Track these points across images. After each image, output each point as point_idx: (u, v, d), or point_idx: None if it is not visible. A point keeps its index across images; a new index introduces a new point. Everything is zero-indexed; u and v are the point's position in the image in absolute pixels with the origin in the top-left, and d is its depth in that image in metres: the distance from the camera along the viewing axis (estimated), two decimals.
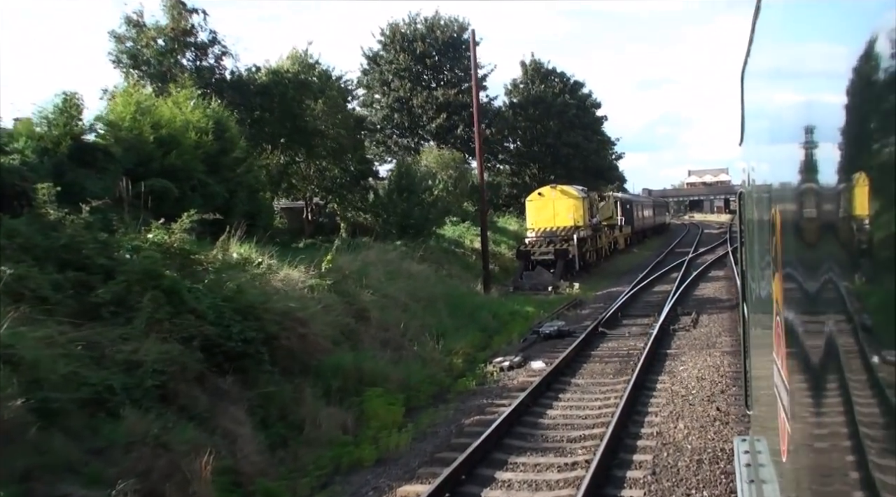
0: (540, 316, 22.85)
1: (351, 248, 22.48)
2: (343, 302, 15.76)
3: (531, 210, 35.87)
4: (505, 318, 21.94)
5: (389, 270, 19.69)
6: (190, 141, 18.39)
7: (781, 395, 2.85)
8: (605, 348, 17.34)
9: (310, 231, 26.52)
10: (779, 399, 2.94)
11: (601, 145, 67.58)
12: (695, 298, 25.36)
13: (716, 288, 27.90)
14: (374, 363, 13.67)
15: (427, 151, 45.95)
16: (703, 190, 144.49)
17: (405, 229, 26.62)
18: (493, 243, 40.37)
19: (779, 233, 2.84)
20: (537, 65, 63.99)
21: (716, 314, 21.36)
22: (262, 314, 12.30)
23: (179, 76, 20.57)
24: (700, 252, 47.26)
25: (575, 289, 30.02)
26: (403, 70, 56.15)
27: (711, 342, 17.17)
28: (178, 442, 8.81)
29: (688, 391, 12.71)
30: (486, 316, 21.07)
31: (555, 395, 13.24)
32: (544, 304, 26.40)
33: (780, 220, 2.81)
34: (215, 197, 18.38)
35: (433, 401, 13.55)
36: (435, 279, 22.22)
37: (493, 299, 24.81)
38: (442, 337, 17.62)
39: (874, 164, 1.24)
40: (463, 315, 20.43)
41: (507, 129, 59.92)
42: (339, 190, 27.24)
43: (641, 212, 59.92)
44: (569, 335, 18.84)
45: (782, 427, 2.84)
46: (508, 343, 18.58)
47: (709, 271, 34.38)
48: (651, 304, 24.37)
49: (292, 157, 25.61)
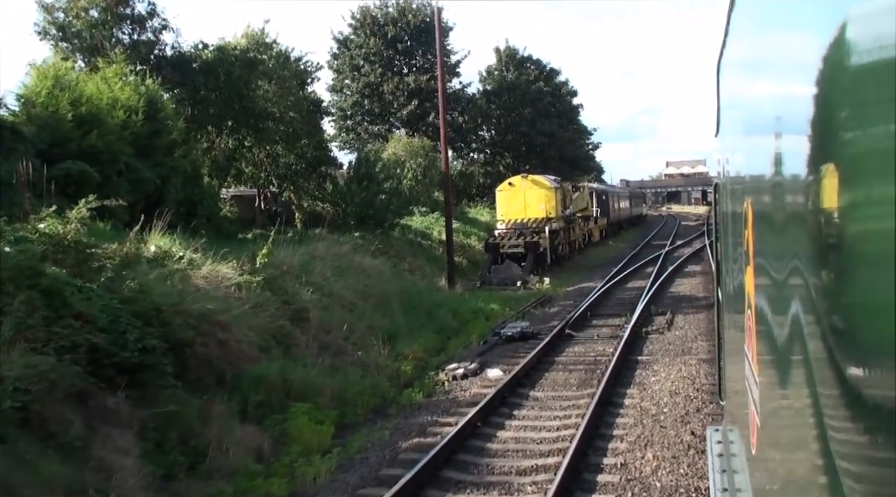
0: (504, 315, 21.29)
1: (301, 239, 20.81)
2: (279, 301, 14.09)
3: (501, 200, 34.26)
4: (466, 316, 20.35)
5: (338, 265, 18.01)
6: (116, 121, 16.58)
7: (751, 388, 2.87)
8: (571, 353, 15.80)
9: (262, 221, 24.75)
10: (749, 391, 2.96)
11: (577, 134, 65.99)
12: (670, 296, 23.90)
13: (692, 284, 26.46)
14: (305, 373, 12.00)
15: (395, 139, 44.23)
16: (681, 181, 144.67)
17: (364, 220, 24.91)
18: (462, 235, 38.87)
19: (751, 225, 2.86)
20: (512, 51, 62.26)
21: (692, 314, 19.88)
22: (171, 318, 10.61)
23: (109, 50, 18.67)
24: (677, 245, 45.94)
25: (545, 284, 28.49)
26: (374, 55, 54.32)
27: (687, 347, 15.67)
28: (31, 482, 7.14)
29: (659, 409, 11.17)
30: (446, 315, 19.47)
31: (509, 411, 11.66)
32: (511, 300, 24.85)
33: (752, 213, 2.83)
34: (144, 183, 16.62)
35: (372, 417, 11.93)
36: (391, 274, 20.56)
37: (456, 296, 23.21)
38: (392, 340, 16.01)
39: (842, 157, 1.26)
40: (420, 314, 18.82)
41: (481, 117, 58.15)
42: (294, 177, 25.41)
43: (618, 203, 58.49)
44: (533, 337, 17.29)
45: (752, 419, 2.85)
46: (467, 346, 16.99)
47: (685, 266, 32.98)
48: (624, 301, 22.88)
49: (240, 142, 23.74)
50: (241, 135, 23.01)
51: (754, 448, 2.87)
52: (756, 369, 2.72)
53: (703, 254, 37.80)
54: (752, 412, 2.83)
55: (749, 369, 2.99)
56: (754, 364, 2.79)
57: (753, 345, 2.81)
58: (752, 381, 2.88)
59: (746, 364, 3.09)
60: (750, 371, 2.94)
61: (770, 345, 2.29)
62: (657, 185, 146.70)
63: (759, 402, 2.64)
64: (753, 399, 2.81)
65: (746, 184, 3.12)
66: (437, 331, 18.09)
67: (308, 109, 24.74)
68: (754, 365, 2.79)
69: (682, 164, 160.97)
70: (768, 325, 2.34)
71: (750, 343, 2.95)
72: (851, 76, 1.17)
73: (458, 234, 38.53)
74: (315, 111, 25.67)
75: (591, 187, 51.12)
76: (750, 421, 2.95)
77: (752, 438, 2.93)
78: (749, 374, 2.99)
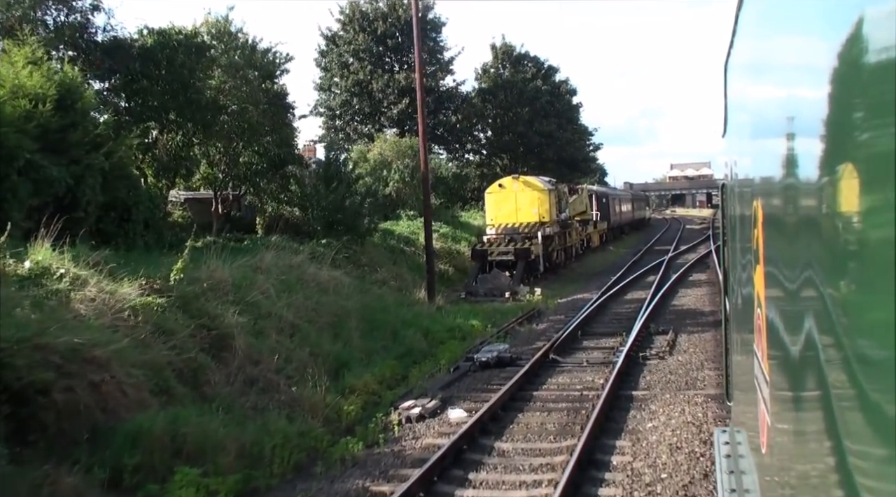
0: (485, 333, 18.76)
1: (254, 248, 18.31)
2: (196, 326, 11.56)
3: (490, 204, 31.70)
4: (440, 336, 17.82)
5: (285, 279, 15.47)
6: (18, 111, 14.07)
7: (762, 388, 2.87)
8: (553, 386, 13.26)
9: (219, 227, 22.22)
10: (759, 391, 2.97)
11: (577, 135, 63.35)
12: (673, 310, 21.34)
13: (697, 296, 23.88)
14: (205, 422, 9.45)
15: (381, 139, 41.70)
16: (685, 184, 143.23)
17: (332, 225, 22.35)
18: (451, 240, 36.35)
19: (760, 225, 2.87)
20: (508, 48, 59.70)
21: (697, 334, 17.32)
22: (13, 358, 8.10)
23: (20, 32, 16.14)
24: (681, 250, 43.36)
25: (536, 295, 25.96)
26: (363, 51, 51.86)
27: (692, 378, 13.12)
28: None
29: (656, 473, 8.60)
30: (415, 335, 16.93)
31: (464, 474, 9.09)
32: (496, 314, 22.32)
33: (762, 213, 2.84)
34: (52, 183, 14.10)
35: (290, 479, 9.36)
36: (354, 288, 18.00)
37: (432, 311, 20.66)
38: (343, 369, 13.52)
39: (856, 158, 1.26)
40: (383, 335, 16.29)
41: (475, 117, 55.51)
42: (253, 178, 22.80)
43: (619, 206, 55.85)
44: (511, 363, 14.77)
45: (762, 419, 2.86)
46: (433, 374, 14.45)
47: (689, 274, 30.39)
48: (620, 317, 20.32)
49: (188, 138, 21.17)
50: (188, 130, 20.43)
51: (764, 448, 2.82)
52: (766, 369, 2.71)
53: (708, 260, 35.20)
54: (762, 412, 2.82)
55: (759, 369, 2.97)
56: (764, 363, 2.77)
57: (763, 344, 2.80)
58: (761, 380, 2.86)
59: (756, 364, 3.08)
60: (760, 371, 2.92)
61: (781, 344, 2.28)
62: (661, 187, 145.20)
63: (769, 401, 2.63)
64: (763, 399, 2.80)
65: (756, 184, 3.15)
66: (400, 356, 15.57)
67: (270, 103, 22.15)
68: (764, 364, 2.77)
69: (686, 166, 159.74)
70: (779, 324, 2.34)
71: (760, 343, 2.93)
72: (867, 75, 1.17)
73: (447, 239, 36.03)
74: (280, 105, 23.06)
75: (591, 189, 48.54)
76: (760, 421, 2.93)
77: (762, 438, 2.89)
78: (759, 373, 2.97)
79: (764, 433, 2.81)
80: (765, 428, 2.78)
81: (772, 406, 2.57)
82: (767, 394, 2.69)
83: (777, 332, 2.37)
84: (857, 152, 1.23)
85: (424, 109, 23.85)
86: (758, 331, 3.01)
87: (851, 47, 1.24)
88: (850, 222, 1.32)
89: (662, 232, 65.30)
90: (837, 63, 1.33)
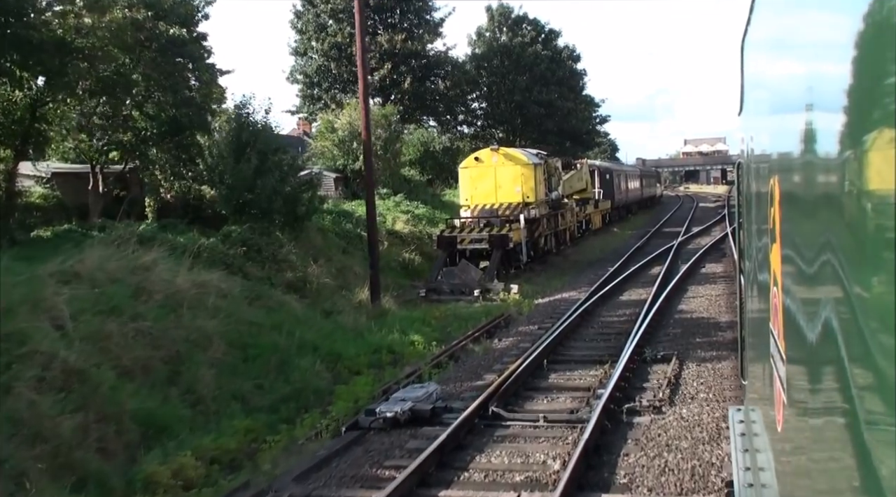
0: (424, 355, 13.92)
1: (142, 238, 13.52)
2: None
3: (465, 181, 26.62)
4: (356, 363, 12.99)
5: (108, 293, 10.56)
6: None
7: (778, 366, 2.87)
8: (479, 471, 8.35)
9: (101, 209, 17.31)
10: (775, 369, 2.97)
11: (580, 105, 57.95)
12: (679, 320, 16.39)
13: (711, 298, 18.86)
14: None
15: (351, 106, 36.61)
16: (700, 160, 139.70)
17: (243, 208, 17.41)
18: (426, 223, 31.34)
19: (777, 203, 2.84)
20: (505, 10, 54.31)
21: (710, 362, 12.42)
22: None
23: None
24: (693, 233, 38.28)
25: (512, 293, 21.03)
26: (342, 11, 46.63)
27: (703, 461, 8.19)
28: None
29: None
30: (314, 366, 12.07)
31: None
32: (453, 323, 17.50)
33: (778, 190, 2.82)
34: None
35: None
36: (236, 298, 13.07)
37: (363, 322, 15.71)
38: (157, 440, 8.68)
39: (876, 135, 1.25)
40: (263, 369, 11.42)
41: (466, 84, 50.11)
42: (139, 146, 17.72)
43: (625, 183, 50.54)
44: (430, 420, 9.93)
45: (778, 397, 2.85)
46: (309, 438, 9.60)
47: (702, 265, 25.35)
48: (608, 332, 15.41)
49: (39, 93, 16.08)
50: (24, 81, 15.31)
51: (780, 426, 2.80)
52: (783, 347, 2.70)
53: (724, 246, 30.15)
54: (778, 390, 2.82)
55: (775, 347, 2.95)
56: (781, 341, 2.76)
57: (780, 322, 2.77)
58: (778, 358, 2.85)
59: (772, 342, 3.06)
60: (776, 349, 2.91)
61: (797, 322, 2.29)
62: (675, 163, 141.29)
63: (785, 379, 2.64)
64: (780, 377, 2.79)
65: (773, 161, 3.13)
66: (280, 401, 10.74)
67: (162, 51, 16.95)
68: (781, 342, 2.76)
69: (700, 142, 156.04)
70: (796, 302, 2.34)
71: (776, 321, 2.92)
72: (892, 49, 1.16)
73: (421, 222, 31.03)
74: (181, 54, 17.84)
75: (593, 165, 43.40)
76: (776, 399, 2.92)
77: (777, 416, 2.87)
78: (775, 351, 2.95)
79: (780, 411, 2.81)
80: (780, 406, 2.78)
81: (788, 384, 2.58)
82: (783, 372, 2.69)
83: (793, 311, 2.40)
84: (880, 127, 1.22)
85: (365, 56, 18.78)
86: (774, 309, 3.00)
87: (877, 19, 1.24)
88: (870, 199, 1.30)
89: (674, 211, 60.03)
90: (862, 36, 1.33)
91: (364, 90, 18.83)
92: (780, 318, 2.78)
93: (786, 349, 2.62)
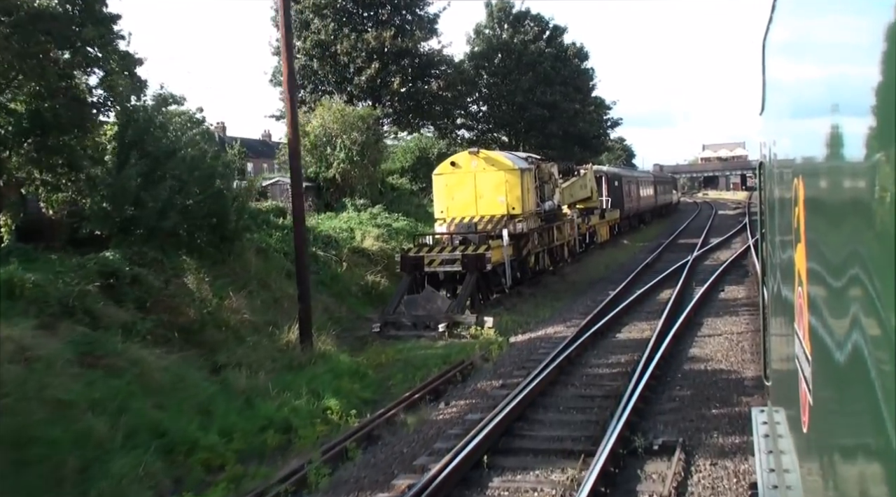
0: (332, 435, 9.99)
1: None
2: None
3: (440, 189, 22.57)
4: (217, 457, 9.05)
5: None
6: None
7: (803, 366, 2.83)
8: None
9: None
10: (800, 370, 2.93)
11: (589, 107, 53.81)
12: (688, 373, 12.34)
13: (731, 336, 14.78)
14: None
15: (324, 106, 32.75)
16: (718, 165, 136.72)
17: (129, 225, 13.45)
18: (404, 239, 27.26)
19: (802, 203, 2.81)
20: (506, 5, 50.31)
21: (733, 454, 8.41)
22: None
23: None
24: (710, 245, 34.15)
25: (486, 327, 17.05)
26: (326, 7, 42.90)
27: None
28: None
29: None
30: (136, 469, 8.11)
31: None
32: (400, 372, 13.70)
33: (803, 191, 2.78)
34: None
35: None
36: (39, 366, 9.14)
37: (254, 385, 11.69)
38: None
39: None
40: (38, 480, 7.49)
41: (463, 85, 46.05)
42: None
43: (637, 190, 46.37)
44: None
45: (803, 398, 2.82)
46: None
47: (720, 288, 21.24)
48: (591, 393, 11.40)
49: None
50: None
51: (805, 426, 2.78)
52: (808, 347, 2.68)
53: (746, 262, 26.05)
54: (804, 390, 2.80)
55: (800, 347, 2.93)
56: (806, 342, 2.74)
57: (805, 323, 2.75)
58: (803, 359, 2.83)
59: (797, 342, 3.03)
60: (801, 349, 2.89)
61: (823, 323, 2.27)
62: (693, 169, 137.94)
63: (811, 380, 2.62)
64: (805, 377, 2.77)
65: (797, 162, 3.10)
66: None
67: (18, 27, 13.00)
68: (806, 343, 2.74)
69: (719, 147, 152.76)
70: (821, 303, 2.31)
71: (801, 321, 2.89)
72: None
73: (397, 237, 27.01)
74: (48, 32, 13.76)
75: (600, 170, 39.30)
76: (801, 399, 2.90)
77: (803, 417, 2.84)
78: (800, 352, 2.93)
79: (806, 412, 2.78)
80: (806, 406, 2.75)
81: (814, 384, 2.55)
82: (809, 372, 2.66)
83: (819, 311, 2.37)
84: None
85: (291, 36, 14.91)
86: (799, 310, 2.98)
87: None
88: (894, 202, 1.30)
89: (691, 219, 55.73)
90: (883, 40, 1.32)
91: (288, 76, 14.94)
92: (804, 319, 2.77)
93: (811, 349, 2.60)
